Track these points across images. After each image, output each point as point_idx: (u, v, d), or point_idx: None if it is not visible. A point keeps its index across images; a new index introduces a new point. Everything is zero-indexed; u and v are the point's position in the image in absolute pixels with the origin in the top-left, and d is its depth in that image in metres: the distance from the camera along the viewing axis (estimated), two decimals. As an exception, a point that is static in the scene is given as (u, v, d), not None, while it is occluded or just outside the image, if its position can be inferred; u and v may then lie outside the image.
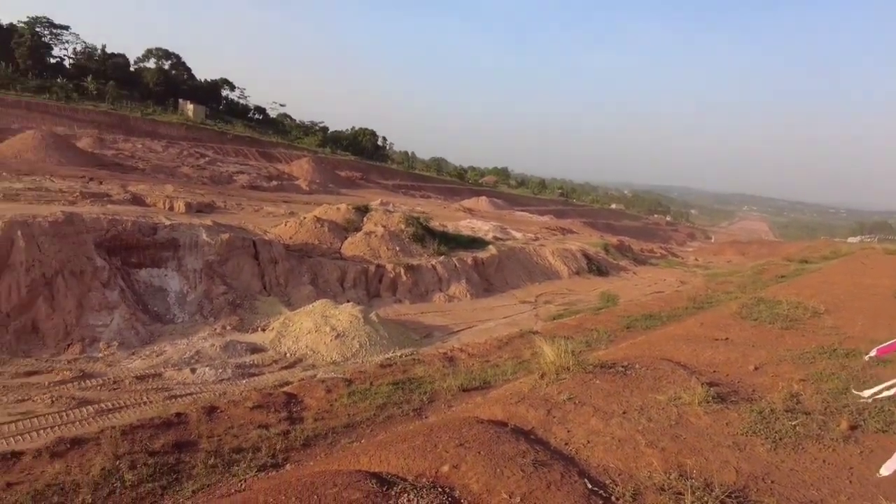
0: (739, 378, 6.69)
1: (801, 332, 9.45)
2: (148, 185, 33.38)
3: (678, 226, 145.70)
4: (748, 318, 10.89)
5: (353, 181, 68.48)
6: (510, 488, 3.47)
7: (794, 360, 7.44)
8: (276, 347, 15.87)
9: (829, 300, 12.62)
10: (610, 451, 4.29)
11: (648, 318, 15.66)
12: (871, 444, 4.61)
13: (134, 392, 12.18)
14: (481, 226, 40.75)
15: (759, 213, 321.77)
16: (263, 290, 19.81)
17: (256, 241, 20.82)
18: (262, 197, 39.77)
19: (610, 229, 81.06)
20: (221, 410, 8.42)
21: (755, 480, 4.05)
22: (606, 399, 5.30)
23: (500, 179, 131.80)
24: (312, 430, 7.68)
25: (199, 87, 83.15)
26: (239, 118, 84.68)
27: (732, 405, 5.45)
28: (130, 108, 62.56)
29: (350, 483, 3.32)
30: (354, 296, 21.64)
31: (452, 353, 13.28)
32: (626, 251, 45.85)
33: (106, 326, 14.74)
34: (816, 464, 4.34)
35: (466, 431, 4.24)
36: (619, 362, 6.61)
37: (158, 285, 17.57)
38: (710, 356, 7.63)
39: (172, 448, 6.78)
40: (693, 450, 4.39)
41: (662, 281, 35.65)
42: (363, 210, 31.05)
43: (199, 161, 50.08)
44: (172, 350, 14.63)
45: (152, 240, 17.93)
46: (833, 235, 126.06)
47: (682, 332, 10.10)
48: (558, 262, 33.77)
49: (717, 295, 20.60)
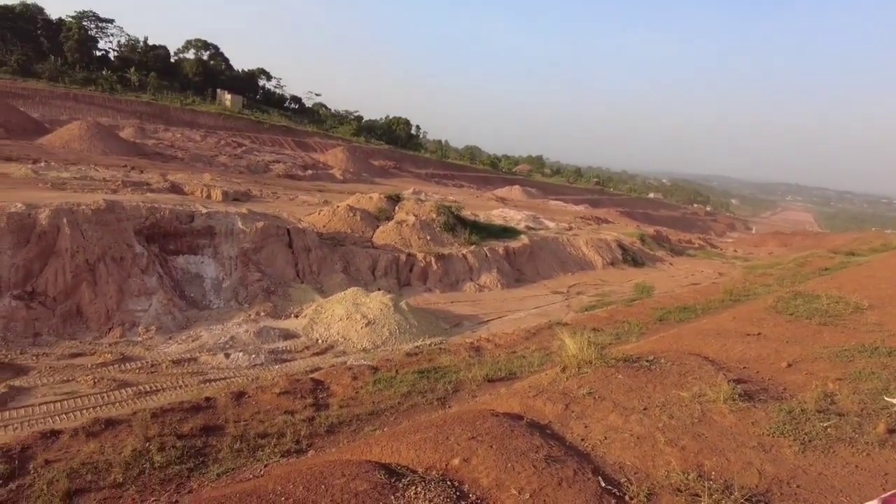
0: (770, 375, 6.45)
1: (840, 329, 9.05)
2: (186, 173, 34.30)
3: (718, 216, 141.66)
4: (784, 313, 10.49)
5: (387, 170, 68.86)
6: (520, 484, 3.43)
7: (831, 357, 7.13)
8: (308, 334, 16.17)
9: (874, 295, 12.03)
10: (627, 449, 4.20)
11: (682, 311, 15.28)
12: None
13: (170, 375, 12.62)
14: (514, 215, 40.44)
15: (803, 204, 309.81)
16: (297, 278, 20.16)
17: (290, 229, 21.17)
18: (297, 186, 40.39)
19: (647, 219, 79.42)
20: (249, 396, 8.62)
21: (779, 484, 3.90)
22: (627, 394, 5.19)
23: (534, 168, 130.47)
24: (337, 416, 7.78)
25: (237, 77, 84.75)
26: (275, 108, 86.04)
27: (760, 404, 5.26)
28: (170, 99, 64.30)
29: (358, 473, 3.34)
30: (385, 284, 21.82)
31: (479, 343, 13.26)
32: (663, 242, 44.84)
33: (145, 311, 15.27)
34: (848, 469, 4.15)
35: (480, 424, 4.22)
36: (644, 356, 6.46)
37: (195, 272, 18.07)
38: (741, 351, 7.38)
39: (200, 431, 6.97)
40: (714, 450, 4.26)
41: (700, 272, 34.76)
42: (395, 199, 31.19)
43: (236, 150, 51.14)
44: (208, 335, 15.06)
45: (189, 227, 18.42)
46: (885, 227, 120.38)
47: (713, 326, 9.80)
48: (592, 253, 33.29)
49: (755, 287, 19.95)
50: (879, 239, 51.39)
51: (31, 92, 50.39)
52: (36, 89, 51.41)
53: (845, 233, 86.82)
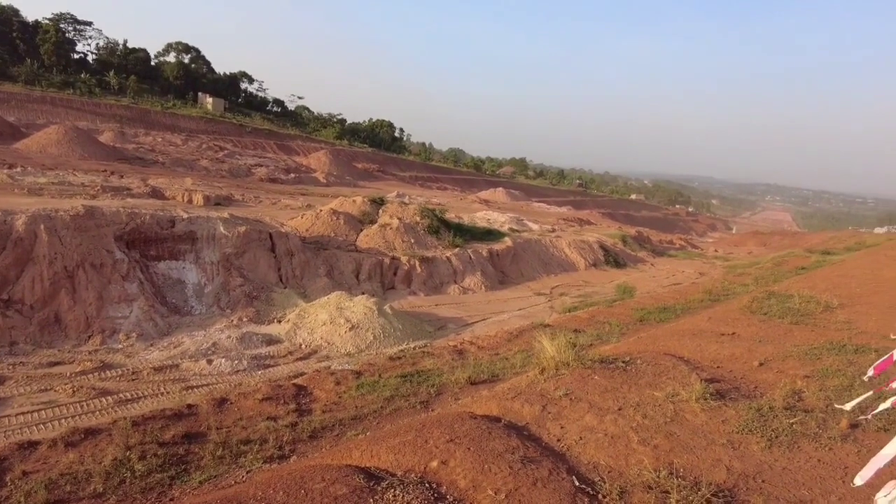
0: (743, 374, 6.64)
1: (811, 328, 9.31)
2: (167, 178, 33.97)
3: (699, 216, 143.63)
4: (758, 313, 10.75)
5: (370, 173, 68.76)
6: (496, 485, 3.53)
7: (801, 356, 7.34)
8: (291, 339, 16.12)
9: (845, 294, 12.37)
10: (601, 449, 4.32)
11: (663, 311, 15.53)
12: (870, 444, 4.56)
13: (152, 383, 12.51)
14: (497, 217, 40.66)
15: (782, 203, 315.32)
16: (279, 282, 20.09)
17: (273, 233, 21.09)
18: (279, 189, 40.19)
19: (629, 220, 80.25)
20: (232, 402, 8.63)
21: (746, 479, 4.05)
22: (603, 395, 5.32)
23: (517, 170, 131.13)
24: (320, 422, 7.82)
25: (219, 80, 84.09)
26: (257, 111, 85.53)
27: (731, 402, 5.42)
28: (151, 102, 63.61)
29: (338, 478, 3.41)
30: (369, 288, 21.83)
31: (462, 346, 13.36)
32: (645, 242, 45.39)
33: (125, 318, 15.12)
34: (811, 463, 4.32)
35: (458, 427, 4.31)
36: (620, 357, 6.61)
37: (176, 277, 17.93)
38: (715, 351, 7.57)
39: (182, 439, 6.98)
40: (686, 448, 4.40)
41: (681, 273, 35.26)
42: (379, 202, 31.21)
43: (218, 154, 50.72)
44: (190, 341, 14.96)
45: (170, 233, 18.28)
46: (860, 226, 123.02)
47: (689, 327, 10.02)
48: (575, 254, 33.60)
49: (734, 287, 20.33)
50: (854, 238, 52.57)
51: (6, 95, 49.51)
52: (12, 93, 50.52)
53: (822, 232, 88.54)
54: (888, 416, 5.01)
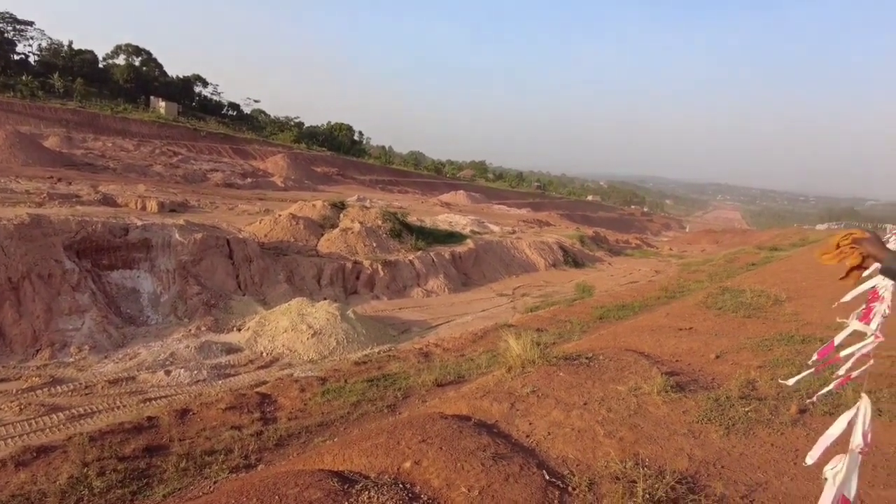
0: (700, 367, 6.91)
1: (762, 320, 9.75)
2: (119, 184, 32.78)
3: (653, 216, 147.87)
4: (713, 308, 11.19)
5: (330, 177, 68.06)
6: (469, 482, 3.58)
7: (754, 347, 7.69)
8: (252, 347, 15.80)
9: (792, 287, 13.00)
10: (569, 443, 4.43)
11: (621, 309, 15.93)
12: (817, 427, 4.83)
13: (106, 396, 12.04)
14: (459, 220, 40.87)
15: (732, 202, 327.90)
16: (238, 290, 19.67)
17: (230, 239, 20.64)
18: (236, 195, 39.32)
19: (586, 221, 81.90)
20: (194, 413, 8.41)
21: (706, 466, 4.22)
22: (569, 391, 5.45)
23: (477, 173, 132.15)
24: (286, 429, 7.72)
25: (172, 83, 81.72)
26: (212, 115, 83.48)
27: (691, 394, 5.64)
28: (100, 106, 61.22)
29: (311, 483, 3.40)
30: (331, 293, 21.60)
31: (428, 349, 13.39)
32: (602, 242, 46.41)
33: (77, 330, 14.53)
34: (765, 447, 4.54)
35: (430, 427, 4.35)
36: (583, 353, 6.78)
37: (131, 287, 17.35)
38: (674, 346, 7.85)
39: (143, 452, 6.77)
40: (650, 438, 4.56)
41: (637, 271, 36.19)
42: (339, 206, 30.93)
43: (172, 159, 49.28)
44: (146, 352, 14.48)
45: (124, 241, 17.68)
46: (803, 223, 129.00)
47: (649, 323, 10.34)
48: (535, 255, 34.07)
49: (689, 284, 21.02)
50: (798, 235, 55.10)
51: (-61, 99, 46.93)
52: (-56, 96, 47.91)
53: (770, 230, 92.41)
54: (833, 401, 5.31)
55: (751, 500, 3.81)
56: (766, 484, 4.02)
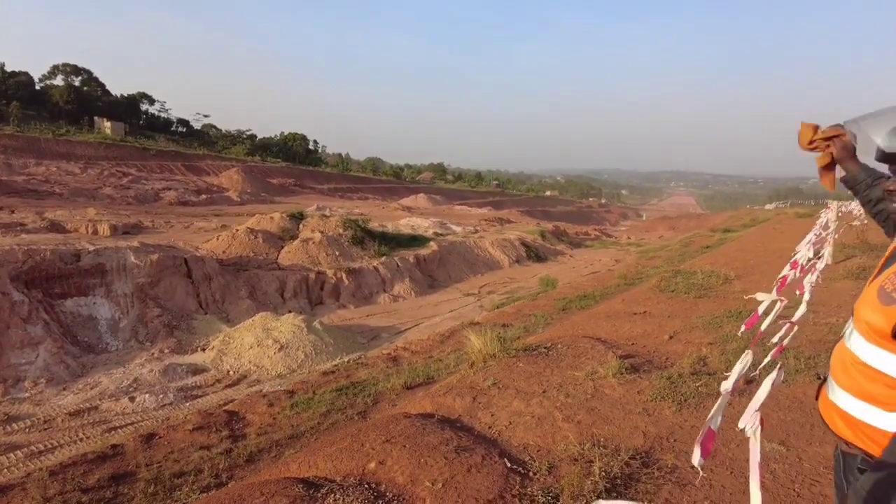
0: (655, 348, 7.19)
1: (713, 299, 10.17)
2: (67, 210, 31.64)
3: (611, 207, 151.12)
4: (666, 291, 11.59)
5: (287, 188, 67.17)
6: (433, 476, 3.69)
7: (705, 326, 8.04)
8: (217, 366, 15.55)
9: (741, 266, 13.58)
10: (530, 430, 4.59)
11: (583, 299, 16.28)
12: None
13: (68, 429, 11.67)
14: (421, 223, 40.97)
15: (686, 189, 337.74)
16: (200, 309, 19.30)
17: (188, 258, 20.24)
18: (191, 212, 38.46)
19: (546, 216, 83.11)
20: (161, 436, 8.27)
21: (660, 441, 4.44)
22: (528, 380, 5.63)
23: (437, 175, 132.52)
24: (256, 445, 7.66)
25: (116, 102, 79.33)
26: (161, 132, 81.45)
27: (645, 374, 5.89)
28: (40, 130, 58.88)
29: (276, 490, 3.45)
30: (296, 305, 21.41)
31: (396, 353, 13.44)
32: (562, 236, 47.24)
33: (31, 364, 14.03)
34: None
35: (393, 427, 4.44)
36: (542, 344, 6.98)
37: (87, 314, 16.84)
38: (629, 330, 8.14)
39: (109, 481, 6.64)
40: (606, 420, 4.76)
41: (598, 261, 36.98)
42: (298, 217, 30.64)
43: (122, 180, 47.81)
44: (108, 380, 14.10)
45: (76, 267, 17.15)
46: (754, 204, 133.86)
47: (605, 310, 10.66)
48: (498, 253, 34.46)
49: (647, 270, 21.62)
50: (749, 215, 57.21)
51: None
52: None
53: (722, 212, 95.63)
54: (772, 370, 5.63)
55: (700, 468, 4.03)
56: (715, 452, 4.26)
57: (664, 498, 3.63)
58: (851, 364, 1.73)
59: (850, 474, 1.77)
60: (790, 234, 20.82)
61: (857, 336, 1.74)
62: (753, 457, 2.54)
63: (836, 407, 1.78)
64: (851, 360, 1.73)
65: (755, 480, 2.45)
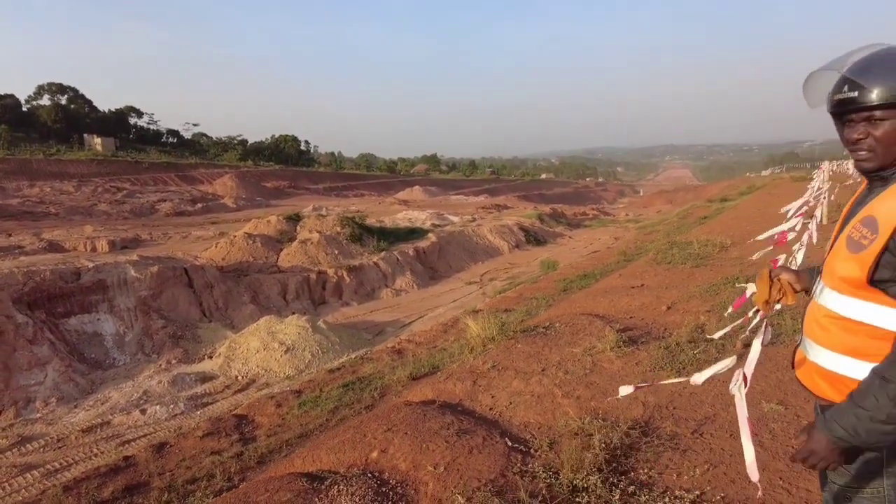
0: (653, 319, 7.23)
1: (710, 268, 10.19)
2: (64, 229, 31.63)
3: (607, 185, 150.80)
4: (662, 263, 11.61)
5: (282, 190, 67.07)
6: (435, 460, 3.74)
7: (702, 294, 8.07)
8: (225, 373, 15.63)
9: (737, 233, 13.58)
10: (530, 408, 4.63)
11: (584, 278, 16.30)
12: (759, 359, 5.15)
13: (82, 446, 11.76)
14: (418, 215, 40.93)
15: (681, 161, 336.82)
16: (204, 317, 19.37)
17: (188, 268, 20.28)
18: (188, 222, 38.45)
19: (543, 199, 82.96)
20: (171, 445, 8.36)
21: (659, 410, 4.49)
22: (527, 360, 5.67)
23: (430, 167, 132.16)
24: (266, 446, 7.74)
25: (104, 118, 79.08)
26: (152, 144, 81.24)
27: (643, 346, 5.93)
28: (30, 151, 58.72)
29: (281, 486, 3.50)
30: (299, 307, 21.46)
31: (400, 346, 13.50)
32: (560, 217, 47.21)
33: (40, 384, 14.11)
34: (713, 384, 4.82)
35: (395, 416, 4.49)
36: (541, 324, 7.02)
37: (92, 331, 16.91)
38: (627, 303, 8.17)
39: (123, 493, 6.72)
40: (605, 393, 4.80)
41: (598, 241, 36.98)
42: (295, 218, 30.64)
43: (117, 195, 47.77)
44: (118, 395, 14.19)
45: (77, 285, 17.20)
46: (750, 171, 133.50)
47: (603, 286, 10.69)
48: (497, 239, 34.47)
49: (646, 245, 21.62)
50: (746, 183, 57.03)
51: None
52: None
53: (719, 182, 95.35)
54: (775, 332, 5.67)
55: (700, 434, 4.08)
56: (713, 417, 4.31)
57: (664, 464, 3.67)
58: (827, 320, 1.74)
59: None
60: (786, 199, 20.76)
61: (828, 291, 1.75)
62: (741, 413, 2.59)
63: (818, 367, 1.78)
64: (827, 316, 1.74)
65: (746, 435, 2.49)
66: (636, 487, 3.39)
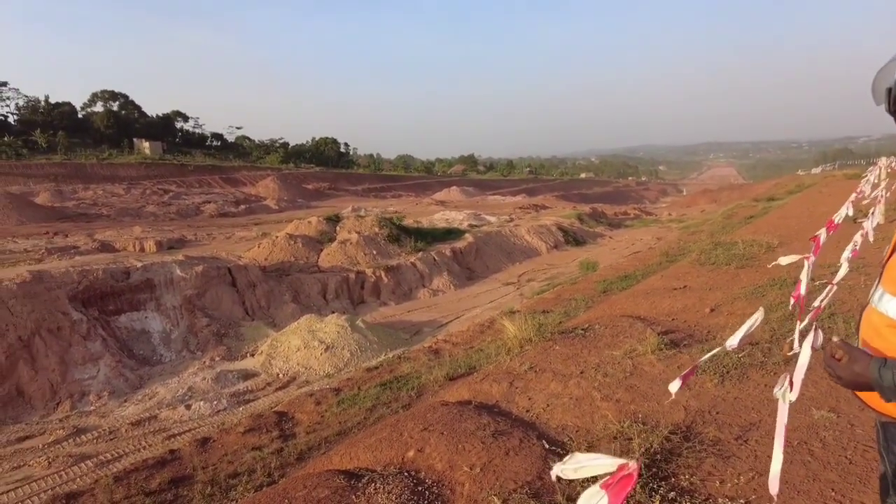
0: (696, 322, 7.03)
1: (755, 269, 9.84)
2: (115, 230, 33.05)
3: (649, 184, 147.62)
4: (706, 264, 11.28)
5: (322, 192, 68.26)
6: (471, 461, 3.73)
7: (748, 296, 7.80)
8: (267, 370, 16.00)
9: (784, 233, 13.08)
10: (568, 411, 4.57)
11: (624, 280, 15.99)
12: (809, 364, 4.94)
13: (132, 438, 12.24)
14: (455, 216, 40.99)
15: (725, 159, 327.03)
16: (246, 316, 19.87)
17: (231, 267, 20.84)
18: (232, 223, 39.57)
19: (583, 199, 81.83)
20: (214, 440, 8.59)
21: (702, 414, 4.35)
22: (565, 362, 5.59)
23: (468, 167, 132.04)
24: (305, 443, 7.87)
25: (152, 123, 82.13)
26: (197, 148, 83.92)
27: (685, 349, 5.77)
28: (85, 156, 61.58)
29: (319, 483, 3.55)
30: (339, 306, 21.78)
31: (437, 346, 13.54)
32: (601, 217, 46.46)
33: (93, 378, 14.75)
34: (758, 389, 4.66)
35: (431, 416, 4.50)
36: (579, 326, 6.91)
37: (140, 328, 17.57)
38: (669, 305, 7.97)
39: (169, 485, 6.95)
40: (645, 397, 4.69)
41: (639, 241, 36.24)
42: (335, 219, 31.12)
43: (164, 197, 49.58)
44: (164, 390, 14.70)
45: (127, 284, 17.89)
46: (797, 169, 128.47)
47: (644, 287, 10.45)
48: (535, 239, 34.19)
49: (690, 245, 21.06)
50: (794, 182, 54.94)
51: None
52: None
53: (766, 181, 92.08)
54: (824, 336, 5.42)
55: (745, 440, 3.94)
56: (759, 423, 4.15)
57: (707, 471, 3.56)
58: (886, 327, 1.65)
59: (894, 443, 1.70)
60: (837, 197, 19.92)
61: (888, 297, 1.66)
62: (780, 420, 2.49)
63: None
64: (886, 323, 1.65)
65: (779, 444, 2.39)
66: (677, 493, 3.30)
